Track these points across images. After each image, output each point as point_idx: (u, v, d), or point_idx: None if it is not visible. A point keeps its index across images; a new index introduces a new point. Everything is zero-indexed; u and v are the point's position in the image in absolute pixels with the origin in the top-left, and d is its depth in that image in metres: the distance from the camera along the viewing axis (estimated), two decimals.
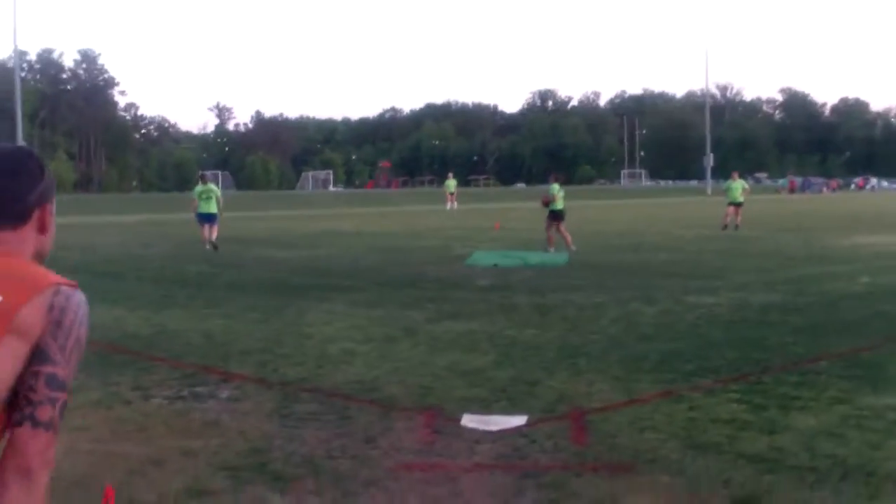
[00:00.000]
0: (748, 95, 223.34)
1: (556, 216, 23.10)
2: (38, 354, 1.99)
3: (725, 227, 31.10)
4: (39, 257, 2.22)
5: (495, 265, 19.15)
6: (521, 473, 5.74)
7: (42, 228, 2.22)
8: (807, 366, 8.85)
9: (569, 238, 22.61)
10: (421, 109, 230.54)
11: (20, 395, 1.98)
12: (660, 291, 14.44)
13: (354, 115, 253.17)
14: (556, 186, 23.59)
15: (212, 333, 10.89)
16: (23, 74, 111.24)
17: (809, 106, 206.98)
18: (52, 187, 2.27)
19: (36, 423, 1.96)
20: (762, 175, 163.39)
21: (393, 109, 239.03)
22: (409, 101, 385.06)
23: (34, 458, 1.94)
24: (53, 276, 2.08)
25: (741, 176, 34.13)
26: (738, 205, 31.59)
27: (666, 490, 5.39)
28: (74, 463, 5.89)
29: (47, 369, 1.99)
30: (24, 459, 1.93)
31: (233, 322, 11.78)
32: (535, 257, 20.48)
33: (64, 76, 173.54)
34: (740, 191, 32.03)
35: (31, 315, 1.99)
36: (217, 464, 5.90)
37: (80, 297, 2.10)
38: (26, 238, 2.17)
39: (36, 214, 2.19)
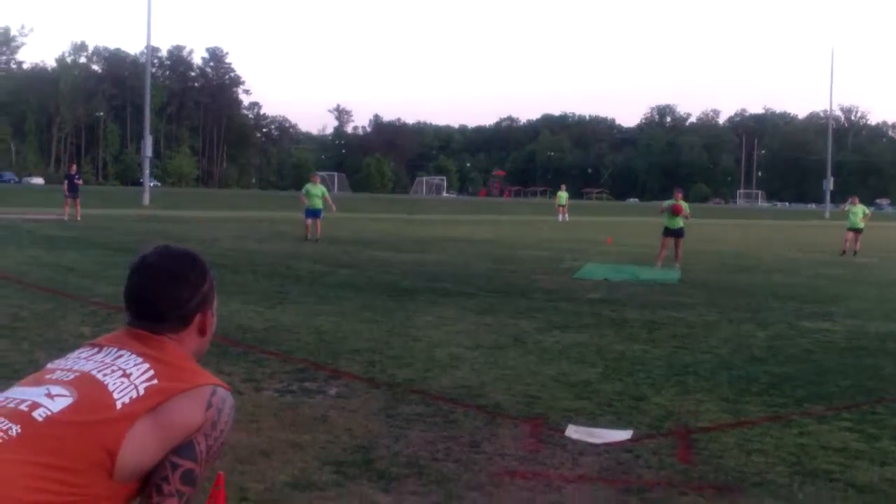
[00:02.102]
0: (873, 119, 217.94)
1: (675, 233, 23.07)
2: (184, 447, 2.05)
3: (844, 252, 30.38)
4: (198, 356, 2.32)
5: (606, 279, 19.03)
6: (624, 488, 5.71)
7: (202, 331, 2.34)
8: None
9: (680, 256, 22.44)
10: (538, 120, 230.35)
11: (152, 482, 2.04)
12: (773, 314, 14.18)
13: (471, 124, 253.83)
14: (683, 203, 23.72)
15: (323, 331, 11.06)
16: (153, 70, 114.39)
17: None
18: (212, 291, 2.41)
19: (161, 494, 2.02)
20: (884, 202, 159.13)
21: (510, 119, 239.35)
22: (527, 112, 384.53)
23: None
24: (212, 377, 2.19)
25: (861, 201, 33.28)
26: (858, 230, 30.83)
27: None
28: None
29: (188, 465, 2.05)
30: None
31: (343, 321, 11.94)
32: (646, 273, 20.30)
33: (192, 73, 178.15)
34: (861, 216, 31.25)
35: (187, 409, 2.07)
36: (323, 458, 6.01)
37: (232, 402, 2.19)
38: (187, 340, 2.29)
39: (197, 318, 2.32)
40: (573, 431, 6.90)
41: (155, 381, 2.06)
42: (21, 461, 1.84)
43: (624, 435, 6.86)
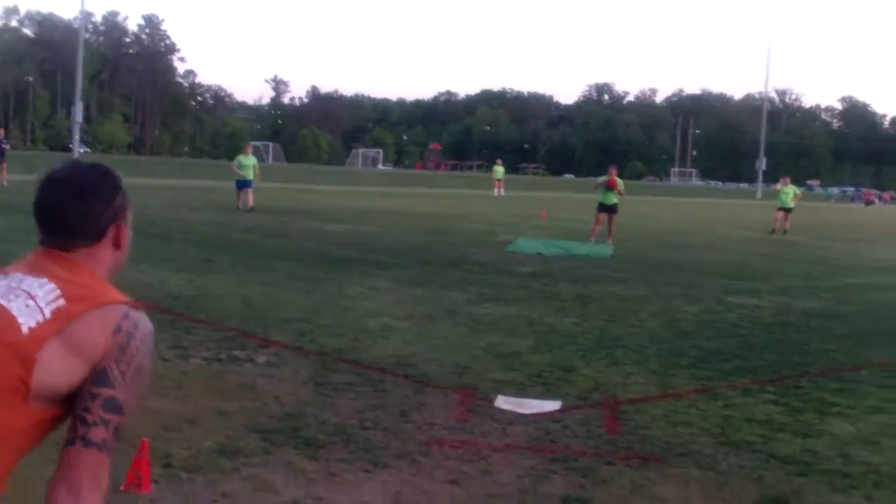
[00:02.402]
0: (807, 102, 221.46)
1: (609, 209, 23.20)
2: (98, 375, 2.00)
3: (773, 231, 30.88)
4: (114, 270, 2.26)
5: (539, 253, 19.11)
6: (551, 457, 5.74)
7: (117, 244, 2.26)
8: (847, 373, 8.76)
9: (614, 232, 22.66)
10: (476, 95, 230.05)
11: (75, 414, 1.99)
12: (703, 290, 14.35)
13: (409, 97, 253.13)
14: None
15: (253, 300, 10.97)
16: (87, 36, 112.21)
17: (868, 117, 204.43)
18: (126, 204, 2.29)
19: (88, 443, 1.96)
20: (814, 183, 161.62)
21: (448, 93, 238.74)
22: (465, 86, 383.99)
23: (83, 477, 1.94)
24: (121, 297, 2.10)
25: (792, 182, 33.87)
26: (788, 210, 31.36)
27: (696, 483, 5.37)
28: None
29: (106, 392, 2.00)
30: (73, 477, 1.94)
31: (274, 290, 11.85)
32: (579, 248, 20.41)
33: (127, 40, 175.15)
34: (791, 196, 31.76)
35: (93, 333, 2.01)
36: (250, 426, 5.95)
37: (147, 325, 2.12)
38: (101, 254, 2.21)
39: (111, 232, 2.24)
40: (502, 402, 6.92)
41: (62, 302, 2.01)
42: None
43: (552, 405, 6.90)
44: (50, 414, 1.98)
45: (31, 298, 2.02)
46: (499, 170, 57.77)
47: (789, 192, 31.89)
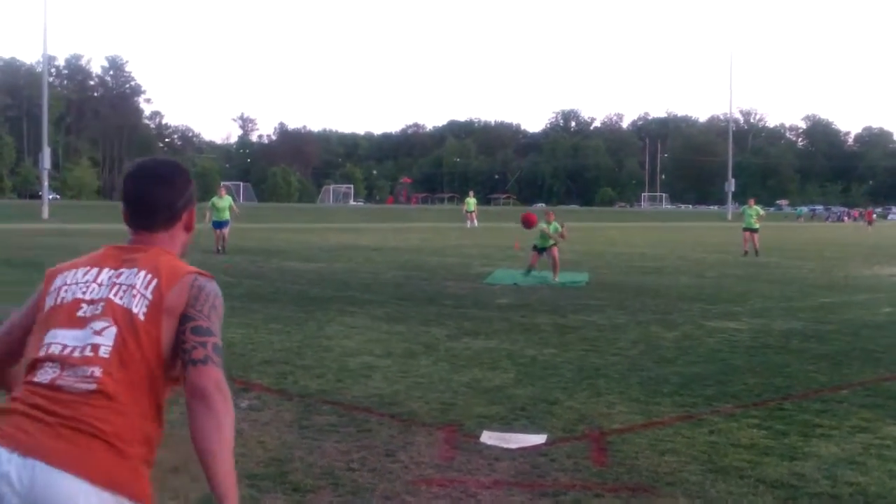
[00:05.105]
0: (771, 122, 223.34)
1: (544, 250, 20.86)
2: (182, 319, 2.56)
3: (746, 252, 31.19)
4: (185, 248, 2.85)
5: (515, 284, 19.13)
6: (540, 492, 5.73)
7: (188, 227, 2.85)
8: (828, 394, 8.81)
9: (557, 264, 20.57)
10: (444, 126, 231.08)
11: (181, 350, 2.54)
12: (680, 315, 14.41)
13: (377, 130, 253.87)
14: (553, 224, 20.93)
15: (232, 343, 10.91)
16: (50, 79, 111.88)
17: (832, 134, 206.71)
18: (194, 193, 2.85)
19: (195, 363, 2.50)
20: (783, 203, 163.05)
21: (416, 125, 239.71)
22: (433, 118, 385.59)
23: (206, 385, 2.47)
24: (193, 269, 2.68)
25: (758, 202, 34.29)
26: (753, 230, 31.73)
27: None
28: None
29: (192, 324, 2.55)
30: (196, 388, 2.47)
31: (253, 332, 11.80)
32: (555, 277, 20.39)
33: (91, 83, 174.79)
34: (755, 217, 32.10)
35: (179, 298, 2.58)
36: (237, 472, 5.89)
37: (213, 284, 2.68)
38: (177, 235, 2.80)
39: (184, 216, 2.82)
40: (488, 437, 6.91)
41: (155, 283, 2.58)
42: (120, 380, 2.47)
43: (538, 439, 6.89)
44: (167, 364, 2.56)
45: (133, 288, 2.58)
46: (471, 201, 58.05)
47: (752, 213, 32.27)
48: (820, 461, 6.47)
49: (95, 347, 2.49)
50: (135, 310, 2.53)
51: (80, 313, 2.56)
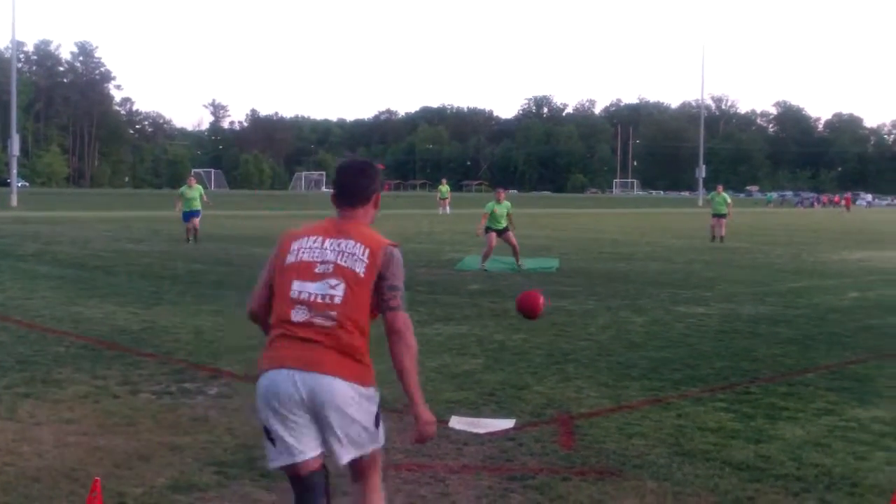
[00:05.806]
0: (743, 108, 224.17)
1: (501, 231, 20.47)
2: (382, 276, 3.74)
3: (714, 238, 31.42)
4: (372, 221, 3.99)
5: (486, 270, 19.16)
6: (508, 476, 5.75)
7: (376, 205, 4.03)
8: (795, 377, 8.88)
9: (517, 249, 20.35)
10: (416, 112, 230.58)
11: (381, 300, 3.73)
12: (650, 300, 14.48)
13: (350, 117, 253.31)
14: (505, 203, 20.55)
15: (201, 330, 10.88)
16: (19, 66, 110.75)
17: (803, 120, 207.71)
18: (382, 180, 4.10)
19: (392, 308, 3.74)
20: (753, 189, 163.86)
21: (388, 112, 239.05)
22: (405, 105, 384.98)
23: (399, 325, 3.73)
24: (387, 241, 3.82)
25: (728, 188, 34.47)
26: (720, 216, 31.91)
27: (652, 495, 5.41)
28: (63, 455, 5.91)
29: (388, 282, 3.74)
30: (394, 326, 3.73)
31: (222, 319, 11.77)
32: (525, 263, 20.43)
33: (60, 69, 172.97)
34: (723, 203, 32.27)
35: (381, 260, 3.73)
36: (204, 459, 5.90)
37: (398, 252, 3.83)
38: (370, 211, 4.00)
39: (375, 197, 4.00)
40: (456, 422, 6.93)
41: (368, 251, 3.73)
42: (349, 317, 3.68)
43: (506, 424, 6.91)
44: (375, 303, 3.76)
45: (353, 254, 3.73)
46: (444, 189, 58.23)
47: (720, 199, 32.43)
48: (785, 443, 6.53)
49: (332, 297, 3.68)
50: (357, 269, 3.70)
51: (317, 270, 3.73)
